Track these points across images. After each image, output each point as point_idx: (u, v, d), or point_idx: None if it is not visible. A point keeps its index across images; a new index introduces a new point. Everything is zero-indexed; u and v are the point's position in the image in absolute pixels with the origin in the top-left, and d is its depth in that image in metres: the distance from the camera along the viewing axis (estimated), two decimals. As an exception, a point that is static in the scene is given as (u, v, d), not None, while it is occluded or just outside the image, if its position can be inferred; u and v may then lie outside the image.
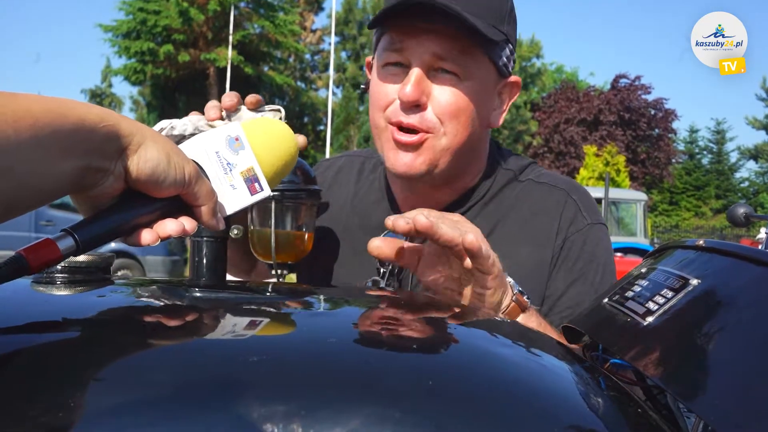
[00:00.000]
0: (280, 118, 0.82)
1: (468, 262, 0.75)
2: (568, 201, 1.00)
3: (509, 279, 0.82)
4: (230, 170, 0.59)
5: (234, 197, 0.59)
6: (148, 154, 0.50)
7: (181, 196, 0.54)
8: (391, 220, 0.74)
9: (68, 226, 0.50)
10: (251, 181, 0.60)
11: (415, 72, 0.89)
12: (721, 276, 0.52)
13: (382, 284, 0.95)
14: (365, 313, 0.61)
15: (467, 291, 0.79)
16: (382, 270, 0.96)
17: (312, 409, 0.37)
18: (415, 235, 0.74)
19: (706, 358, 0.46)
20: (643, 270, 0.61)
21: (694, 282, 0.51)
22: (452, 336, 0.55)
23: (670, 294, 0.51)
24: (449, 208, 1.00)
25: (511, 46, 0.95)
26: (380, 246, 0.79)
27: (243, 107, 0.82)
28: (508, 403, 0.43)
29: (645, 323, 0.51)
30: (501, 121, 1.01)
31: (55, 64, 57.24)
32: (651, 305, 0.52)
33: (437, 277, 0.80)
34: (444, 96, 0.90)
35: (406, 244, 0.82)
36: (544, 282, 0.96)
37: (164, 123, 0.79)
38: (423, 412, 0.38)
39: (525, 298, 0.82)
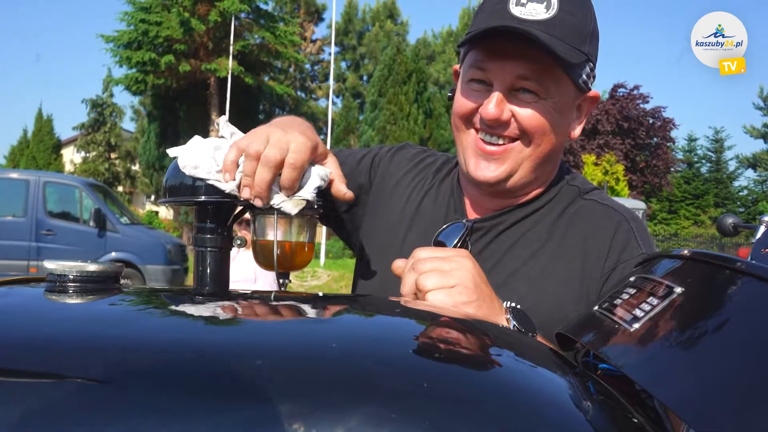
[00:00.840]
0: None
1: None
2: (622, 224, 1.03)
3: (507, 304, 0.85)
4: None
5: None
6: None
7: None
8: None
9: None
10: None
11: (497, 94, 0.95)
12: (704, 284, 0.54)
13: None
14: (368, 321, 0.63)
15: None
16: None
17: (311, 412, 0.39)
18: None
19: (689, 362, 0.48)
20: (632, 279, 0.64)
21: (678, 290, 0.53)
22: (450, 341, 0.56)
23: (655, 301, 0.54)
24: (509, 213, 1.05)
25: (591, 64, 1.00)
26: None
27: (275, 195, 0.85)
28: (499, 407, 0.44)
29: (632, 330, 0.53)
30: (578, 133, 1.06)
31: (56, 73, 57.35)
32: (638, 312, 0.54)
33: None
34: (525, 114, 0.96)
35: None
36: (588, 294, 0.98)
37: (183, 161, 0.81)
38: (416, 416, 0.40)
39: (514, 324, 0.84)
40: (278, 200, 0.83)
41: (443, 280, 0.81)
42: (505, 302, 0.87)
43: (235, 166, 0.81)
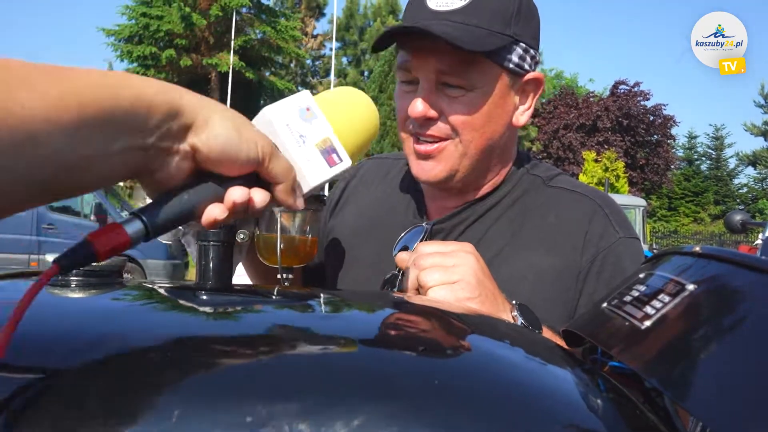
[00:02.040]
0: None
1: None
2: (596, 212, 1.00)
3: (513, 302, 0.84)
4: (304, 142, 0.54)
5: (311, 171, 0.54)
6: (216, 129, 0.46)
7: (258, 174, 0.51)
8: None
9: (136, 209, 0.46)
10: (328, 152, 0.55)
11: (421, 90, 0.94)
12: (716, 281, 0.54)
13: (400, 278, 0.97)
14: (376, 317, 0.62)
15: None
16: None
17: (316, 410, 0.38)
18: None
19: (701, 360, 0.47)
20: (641, 275, 0.63)
21: (691, 287, 0.52)
22: (460, 339, 0.56)
23: (667, 299, 0.53)
24: (470, 208, 1.03)
25: (523, 45, 0.96)
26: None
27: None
28: (508, 404, 0.44)
29: (642, 327, 0.52)
30: (527, 119, 1.02)
31: (56, 68, 57.20)
32: (648, 309, 0.53)
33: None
34: (453, 109, 0.94)
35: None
36: (565, 290, 0.96)
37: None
38: (425, 412, 0.39)
39: (520, 318, 0.82)
40: None
41: (445, 275, 0.80)
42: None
43: None
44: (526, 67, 0.98)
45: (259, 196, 0.51)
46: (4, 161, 0.37)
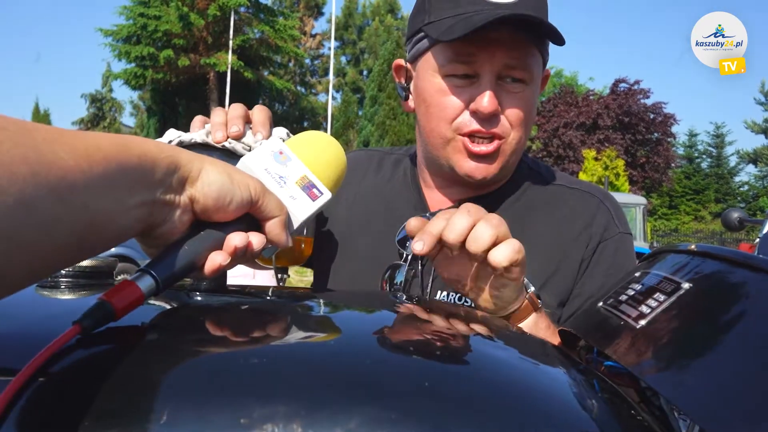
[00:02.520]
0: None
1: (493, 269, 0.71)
2: (601, 207, 1.02)
3: (524, 278, 0.81)
4: (284, 183, 0.58)
5: (298, 207, 0.58)
6: (210, 177, 0.49)
7: (252, 214, 0.53)
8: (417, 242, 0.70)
9: (145, 265, 0.48)
10: (308, 188, 0.59)
11: (486, 84, 0.90)
12: (711, 280, 0.53)
13: (405, 268, 0.95)
14: (369, 318, 0.62)
15: (483, 285, 0.77)
16: (405, 255, 0.96)
17: (312, 410, 0.38)
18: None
19: (696, 360, 0.47)
20: (637, 274, 0.63)
21: (686, 286, 0.52)
22: (452, 339, 0.56)
23: (662, 297, 0.53)
24: (478, 201, 0.98)
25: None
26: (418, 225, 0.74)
27: (249, 132, 0.82)
28: (502, 404, 0.43)
29: (637, 326, 0.52)
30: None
31: (55, 68, 57.35)
32: (643, 308, 0.53)
33: (452, 268, 0.79)
34: (515, 104, 0.92)
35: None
36: (568, 280, 0.97)
37: (172, 134, 0.80)
38: (418, 412, 0.39)
39: (538, 299, 0.83)
40: (253, 140, 0.80)
41: (501, 227, 0.70)
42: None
43: (203, 122, 0.82)
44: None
45: (257, 239, 0.54)
46: (50, 211, 0.37)
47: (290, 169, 0.59)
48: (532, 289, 0.82)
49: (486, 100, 0.90)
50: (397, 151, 1.17)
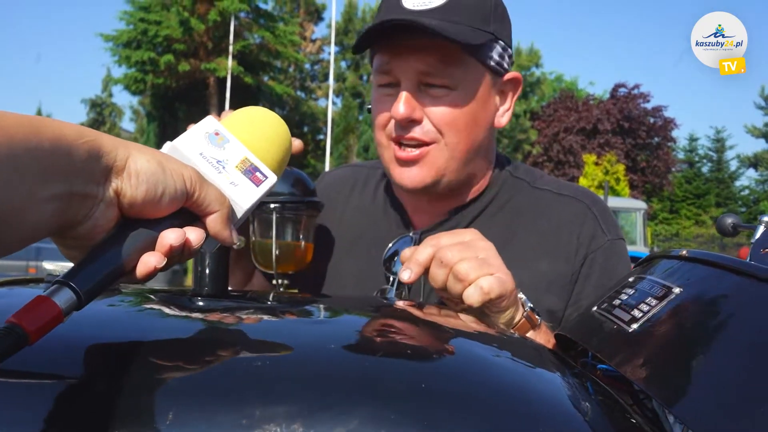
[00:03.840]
0: None
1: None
2: (587, 215, 0.99)
3: (521, 296, 0.82)
4: (223, 167, 0.51)
5: (240, 194, 0.51)
6: (138, 166, 0.42)
7: (188, 208, 0.47)
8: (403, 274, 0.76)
9: (61, 276, 0.41)
10: (251, 172, 0.52)
11: (404, 92, 0.91)
12: (702, 285, 0.54)
13: (392, 293, 0.94)
14: (367, 322, 0.63)
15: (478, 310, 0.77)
16: (391, 278, 0.94)
17: (314, 412, 0.39)
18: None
19: (687, 363, 0.48)
20: (631, 279, 0.64)
21: (677, 290, 0.53)
22: (448, 343, 0.56)
23: (654, 302, 0.54)
24: (459, 214, 1.00)
25: (502, 43, 0.95)
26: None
27: None
28: (496, 408, 0.44)
29: (630, 330, 0.53)
30: (507, 120, 1.01)
31: (55, 73, 57.39)
32: (636, 313, 0.54)
33: (444, 291, 0.79)
34: (438, 109, 0.91)
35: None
36: (562, 296, 0.96)
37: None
38: (414, 416, 0.40)
39: (536, 316, 0.82)
40: None
41: (484, 268, 0.74)
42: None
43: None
44: (506, 65, 0.97)
45: (195, 235, 0.47)
46: None
47: (229, 152, 0.52)
48: (530, 306, 0.82)
49: (399, 106, 0.90)
50: (380, 165, 1.13)
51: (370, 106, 1.02)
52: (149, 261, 0.44)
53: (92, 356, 0.46)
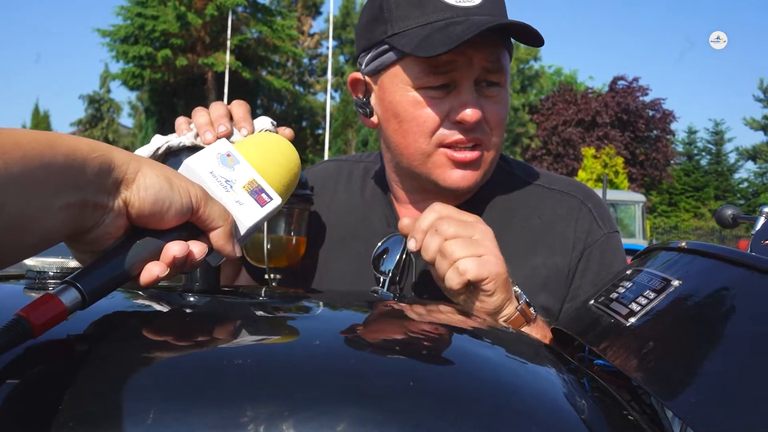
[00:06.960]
0: (273, 124, 0.83)
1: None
2: (582, 209, 0.99)
3: (516, 288, 0.81)
4: (231, 187, 0.55)
5: (245, 213, 0.54)
6: (147, 180, 0.46)
7: (193, 223, 0.50)
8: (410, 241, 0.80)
9: (70, 277, 0.44)
10: (257, 192, 0.56)
11: (471, 92, 0.88)
12: (701, 277, 0.53)
13: (381, 292, 0.92)
14: (354, 318, 0.62)
15: (469, 293, 0.79)
16: (381, 278, 0.92)
17: (300, 411, 0.38)
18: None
19: (685, 358, 0.47)
20: (628, 272, 0.62)
21: (676, 283, 0.52)
22: (438, 339, 0.55)
23: (652, 295, 0.52)
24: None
25: None
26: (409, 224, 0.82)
27: (234, 129, 0.80)
28: (491, 404, 0.43)
29: (627, 324, 0.52)
30: None
31: (53, 69, 57.30)
32: (634, 306, 0.53)
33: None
34: (494, 108, 0.91)
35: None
36: (559, 291, 0.95)
37: (159, 140, 0.79)
38: (407, 412, 0.39)
39: (531, 310, 0.82)
40: (239, 136, 0.79)
41: (472, 248, 0.75)
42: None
43: (188, 123, 0.81)
44: None
45: (198, 248, 0.50)
46: None
47: (238, 173, 0.56)
48: (525, 299, 0.81)
49: (471, 111, 0.87)
50: (365, 159, 1.13)
51: (360, 109, 0.99)
52: (153, 270, 0.48)
53: (77, 352, 0.45)
